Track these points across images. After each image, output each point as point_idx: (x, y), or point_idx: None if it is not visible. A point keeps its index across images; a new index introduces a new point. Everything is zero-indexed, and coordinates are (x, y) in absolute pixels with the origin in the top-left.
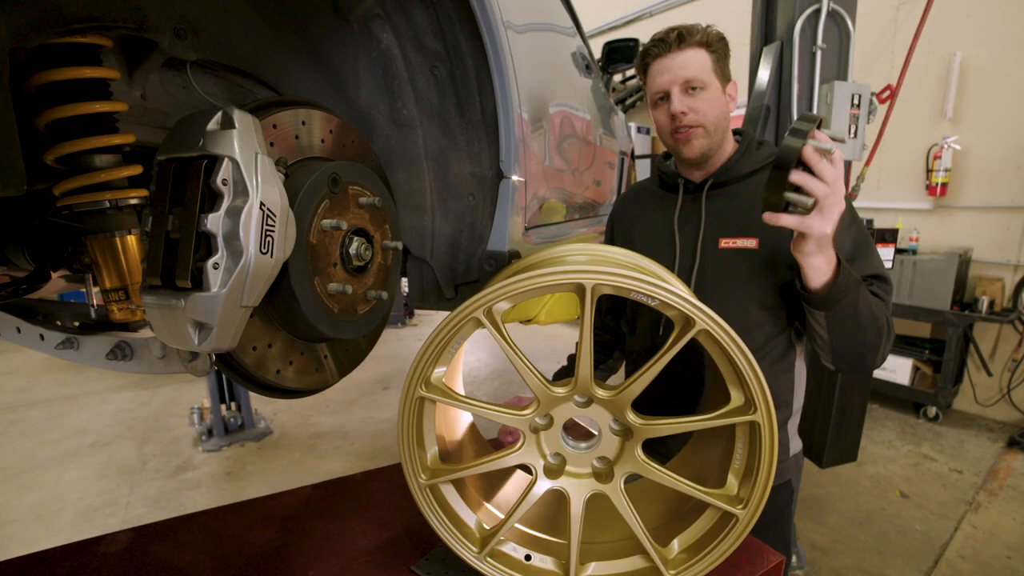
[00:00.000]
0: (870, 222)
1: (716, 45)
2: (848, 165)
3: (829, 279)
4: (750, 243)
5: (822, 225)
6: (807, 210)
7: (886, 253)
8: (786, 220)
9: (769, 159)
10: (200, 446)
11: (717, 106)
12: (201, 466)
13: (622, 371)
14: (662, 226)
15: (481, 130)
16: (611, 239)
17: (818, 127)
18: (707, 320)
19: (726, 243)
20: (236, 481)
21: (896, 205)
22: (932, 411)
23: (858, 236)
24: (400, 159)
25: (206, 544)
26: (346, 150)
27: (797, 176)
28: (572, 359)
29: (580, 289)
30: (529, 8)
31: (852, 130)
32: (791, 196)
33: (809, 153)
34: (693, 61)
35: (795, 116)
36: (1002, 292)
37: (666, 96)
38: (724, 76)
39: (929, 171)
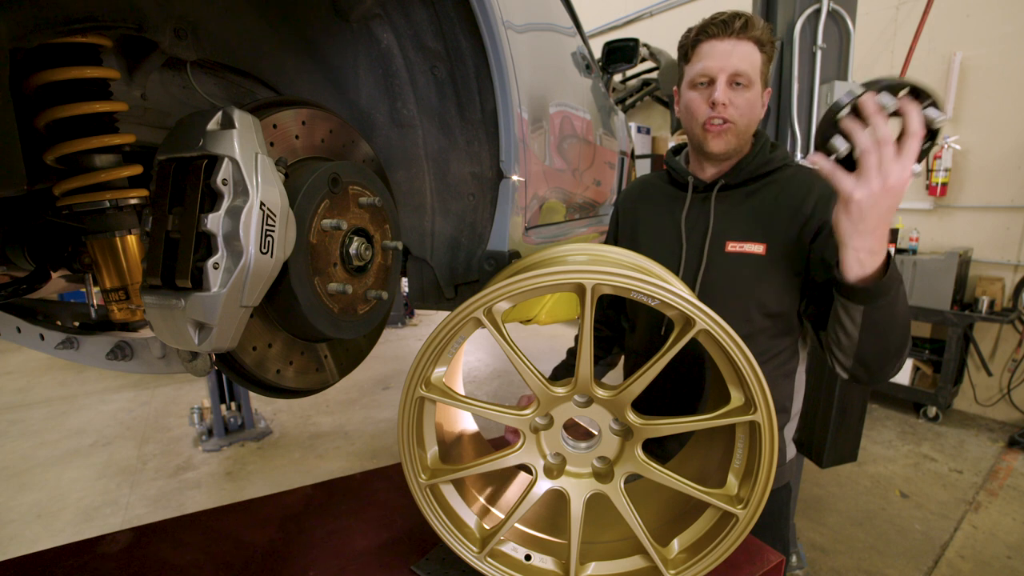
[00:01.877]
0: None
1: (769, 48)
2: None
3: (877, 270)
4: (757, 248)
5: (852, 185)
6: (841, 158)
7: None
8: (821, 161)
9: (781, 162)
10: (200, 446)
11: (754, 108)
12: (201, 466)
13: (620, 367)
14: (669, 225)
15: (481, 130)
16: (615, 231)
17: (919, 98)
18: (707, 320)
19: (733, 247)
20: (236, 481)
21: None
22: (932, 411)
23: None
24: (400, 159)
25: (206, 544)
26: (346, 150)
27: (846, 121)
28: (571, 352)
29: (580, 289)
30: (529, 8)
31: None
32: (832, 141)
33: (867, 101)
34: (749, 55)
35: (795, 116)
36: (1002, 292)
37: (710, 82)
38: (765, 81)
39: (929, 171)
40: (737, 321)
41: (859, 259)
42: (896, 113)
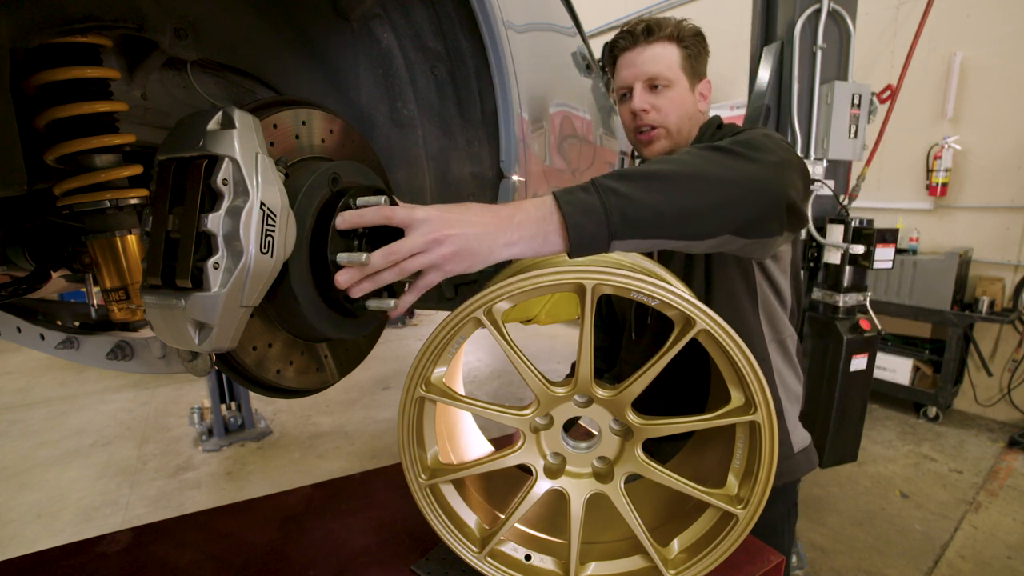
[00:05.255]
0: (870, 222)
1: (689, 41)
2: (848, 165)
3: (560, 230)
4: None
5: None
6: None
7: (886, 253)
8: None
9: (731, 132)
10: (200, 446)
11: (682, 105)
12: (201, 466)
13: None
14: None
15: (481, 130)
16: None
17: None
18: (707, 320)
19: None
20: (236, 481)
21: (896, 205)
22: (932, 411)
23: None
24: (400, 159)
25: (206, 544)
26: (346, 150)
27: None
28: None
29: (580, 289)
30: (529, 8)
31: (852, 130)
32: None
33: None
34: (661, 56)
35: (795, 116)
36: (1002, 292)
37: (630, 92)
38: (695, 74)
39: (929, 171)
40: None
41: (530, 250)
42: None
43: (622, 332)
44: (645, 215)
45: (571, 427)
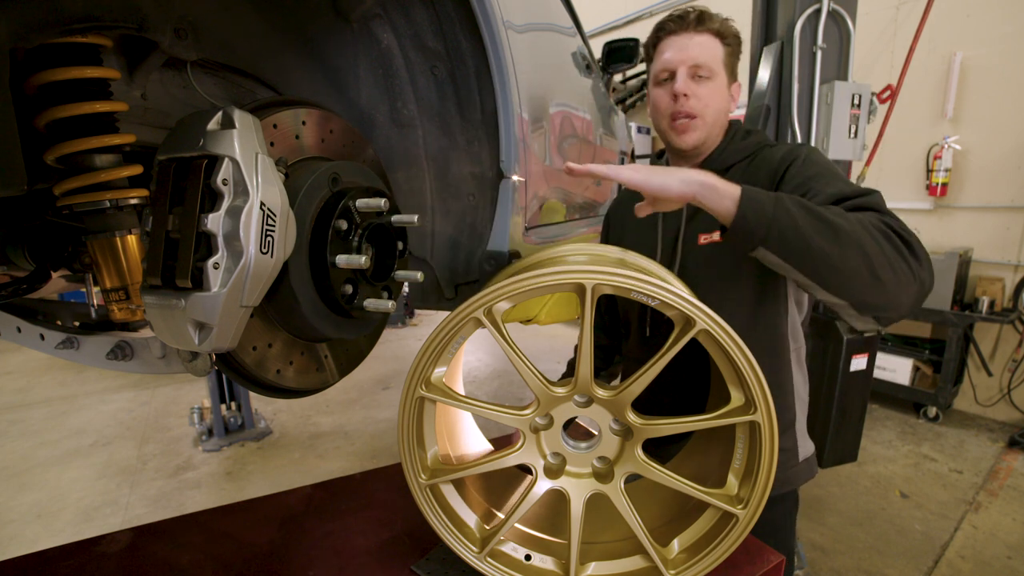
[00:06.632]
0: None
1: (731, 40)
2: (848, 165)
3: (731, 208)
4: (716, 236)
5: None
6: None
7: None
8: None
9: (757, 147)
10: (200, 446)
11: (720, 100)
12: (201, 466)
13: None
14: (649, 222)
15: (481, 130)
16: (606, 238)
17: None
18: (707, 320)
19: (705, 238)
20: (236, 481)
21: (896, 205)
22: (932, 411)
23: (808, 172)
24: (400, 159)
25: (206, 544)
26: (346, 150)
27: None
28: (572, 364)
29: (580, 289)
30: (529, 8)
31: (852, 130)
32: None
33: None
34: (707, 47)
35: (795, 116)
36: (1002, 292)
37: (671, 76)
38: (731, 73)
39: (929, 171)
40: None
41: (721, 206)
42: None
43: (621, 332)
44: (797, 244)
45: (570, 425)
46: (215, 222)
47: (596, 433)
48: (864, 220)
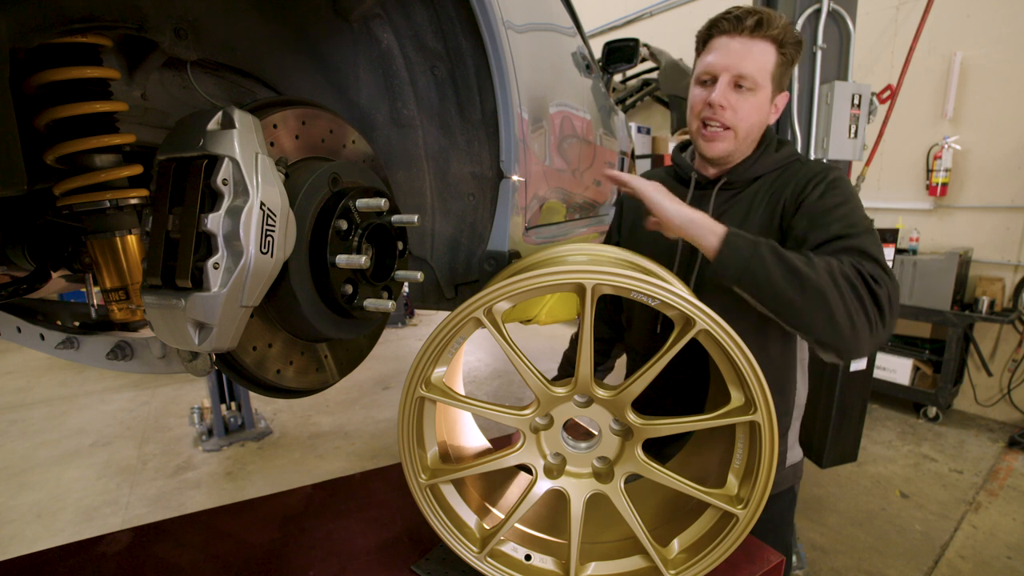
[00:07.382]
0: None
1: (788, 48)
2: (848, 165)
3: (715, 247)
4: None
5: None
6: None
7: (886, 253)
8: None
9: (788, 159)
10: (200, 446)
11: (758, 113)
12: (201, 466)
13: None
14: None
15: (481, 130)
16: (618, 224)
17: None
18: (707, 320)
19: None
20: (236, 481)
21: (896, 205)
22: (932, 411)
23: (826, 203)
24: (400, 159)
25: (206, 544)
26: (346, 150)
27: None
28: (566, 356)
29: (580, 289)
30: (529, 8)
31: (852, 130)
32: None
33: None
34: (758, 56)
35: (795, 116)
36: (1002, 292)
37: (712, 80)
38: (779, 85)
39: (929, 171)
40: (730, 319)
41: (704, 241)
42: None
43: (623, 324)
44: (767, 289)
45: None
46: (215, 222)
47: (596, 433)
48: (837, 270)
